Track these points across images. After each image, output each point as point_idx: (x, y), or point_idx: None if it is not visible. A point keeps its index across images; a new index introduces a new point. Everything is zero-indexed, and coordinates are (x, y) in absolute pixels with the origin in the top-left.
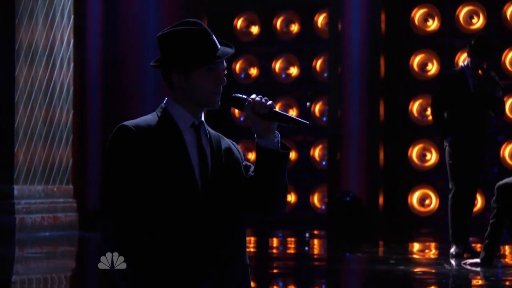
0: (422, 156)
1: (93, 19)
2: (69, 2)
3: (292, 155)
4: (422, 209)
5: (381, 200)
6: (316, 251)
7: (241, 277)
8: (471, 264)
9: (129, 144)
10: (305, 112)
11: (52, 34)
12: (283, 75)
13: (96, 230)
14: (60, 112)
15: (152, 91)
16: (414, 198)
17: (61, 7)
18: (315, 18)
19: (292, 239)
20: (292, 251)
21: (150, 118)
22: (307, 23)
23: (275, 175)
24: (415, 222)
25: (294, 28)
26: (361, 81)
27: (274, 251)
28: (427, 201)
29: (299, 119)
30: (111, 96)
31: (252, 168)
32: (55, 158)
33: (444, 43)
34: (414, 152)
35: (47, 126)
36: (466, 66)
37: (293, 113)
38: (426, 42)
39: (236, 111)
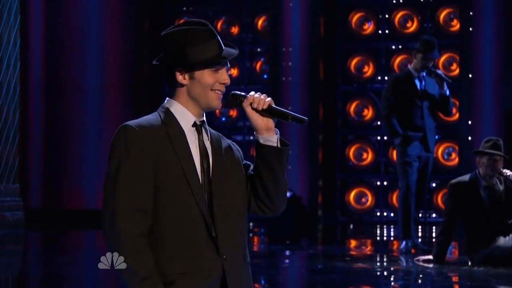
0: (358, 156)
1: (35, 18)
2: (16, 1)
3: None
4: (358, 206)
5: (320, 198)
6: (255, 249)
7: (244, 274)
8: (424, 261)
9: (132, 143)
10: (244, 113)
11: None
12: None
13: (40, 229)
14: (7, 111)
15: (94, 90)
16: (351, 196)
17: (8, 6)
18: (255, 21)
19: None
20: None
21: (152, 117)
22: (247, 26)
23: (275, 172)
24: (352, 220)
25: (234, 30)
26: (301, 83)
27: None
28: (363, 199)
29: (298, 115)
30: (53, 95)
31: (252, 166)
32: (1, 157)
33: (379, 46)
34: (351, 152)
35: None
36: (413, 69)
37: (232, 114)
38: (362, 45)
39: None
